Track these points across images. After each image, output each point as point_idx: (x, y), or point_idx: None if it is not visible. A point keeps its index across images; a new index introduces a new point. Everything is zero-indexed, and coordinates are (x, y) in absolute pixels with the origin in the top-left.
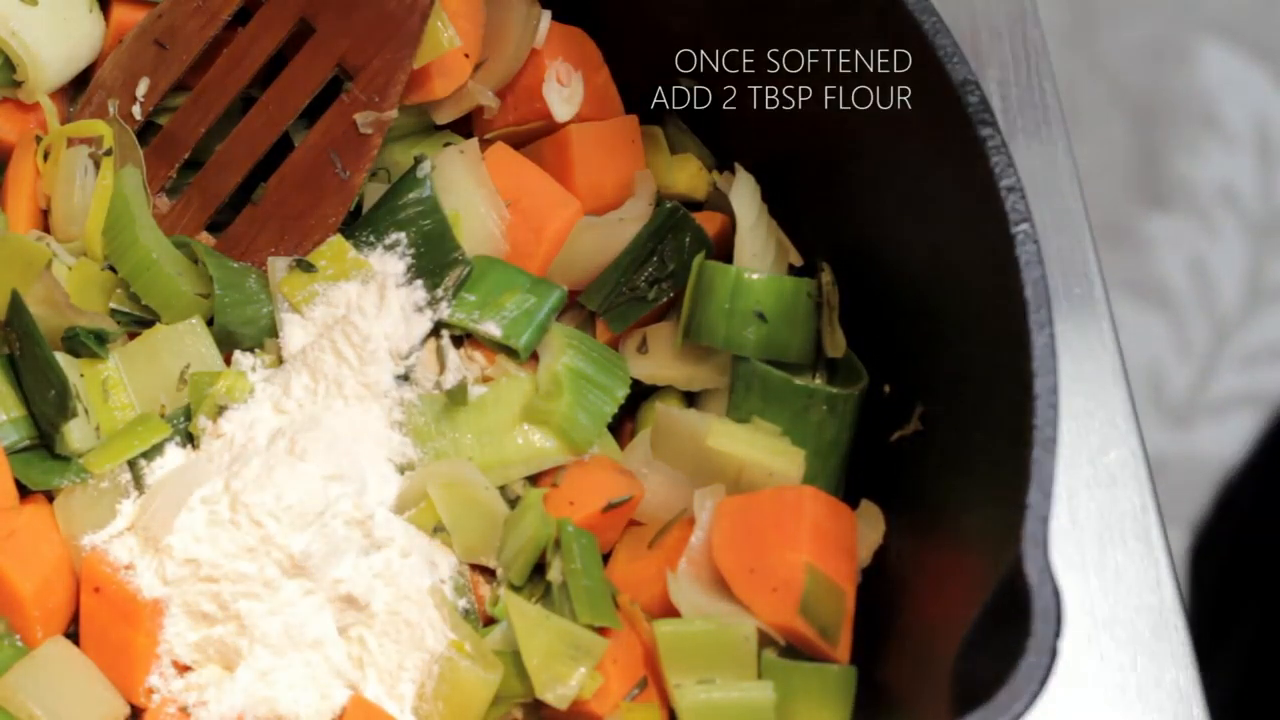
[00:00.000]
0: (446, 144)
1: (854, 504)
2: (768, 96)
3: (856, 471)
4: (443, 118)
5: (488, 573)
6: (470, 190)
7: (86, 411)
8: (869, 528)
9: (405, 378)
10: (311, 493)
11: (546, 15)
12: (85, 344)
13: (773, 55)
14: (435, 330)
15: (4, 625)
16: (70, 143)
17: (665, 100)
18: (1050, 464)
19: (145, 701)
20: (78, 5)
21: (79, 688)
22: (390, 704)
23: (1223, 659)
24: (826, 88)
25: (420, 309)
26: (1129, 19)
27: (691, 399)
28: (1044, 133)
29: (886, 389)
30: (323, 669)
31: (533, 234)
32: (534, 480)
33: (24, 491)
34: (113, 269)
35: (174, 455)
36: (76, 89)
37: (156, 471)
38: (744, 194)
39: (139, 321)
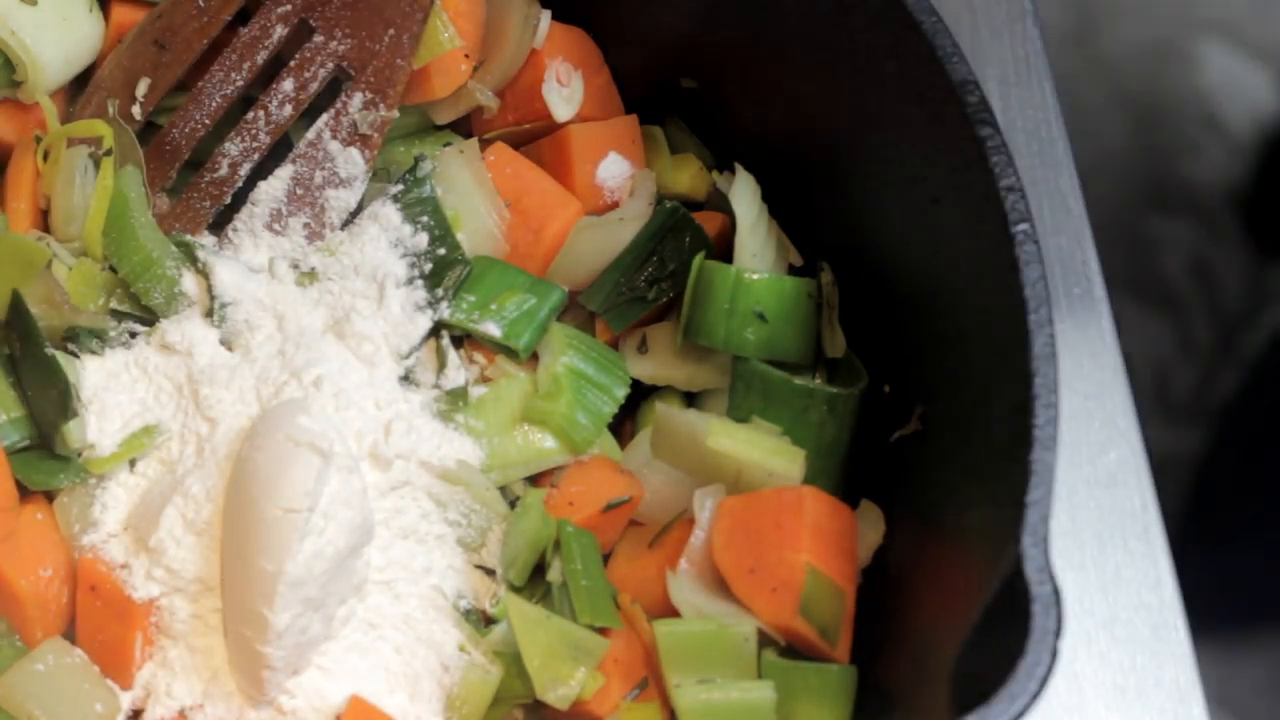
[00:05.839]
0: (446, 144)
1: (854, 504)
2: (768, 96)
3: (856, 471)
4: (443, 118)
5: (488, 573)
6: (470, 190)
7: (86, 411)
8: (869, 528)
9: (405, 378)
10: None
11: (546, 15)
12: (85, 344)
13: (772, 55)
14: (435, 330)
15: (4, 625)
16: (70, 143)
17: (665, 100)
18: (1050, 463)
19: (143, 702)
20: (78, 5)
21: (77, 688)
22: (390, 704)
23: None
24: (826, 88)
25: (420, 309)
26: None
27: (691, 399)
28: (1044, 133)
29: (886, 389)
30: (322, 669)
31: (533, 234)
32: (534, 480)
33: (24, 491)
34: (113, 269)
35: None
36: (76, 89)
37: (149, 472)
38: (744, 194)
39: (139, 321)
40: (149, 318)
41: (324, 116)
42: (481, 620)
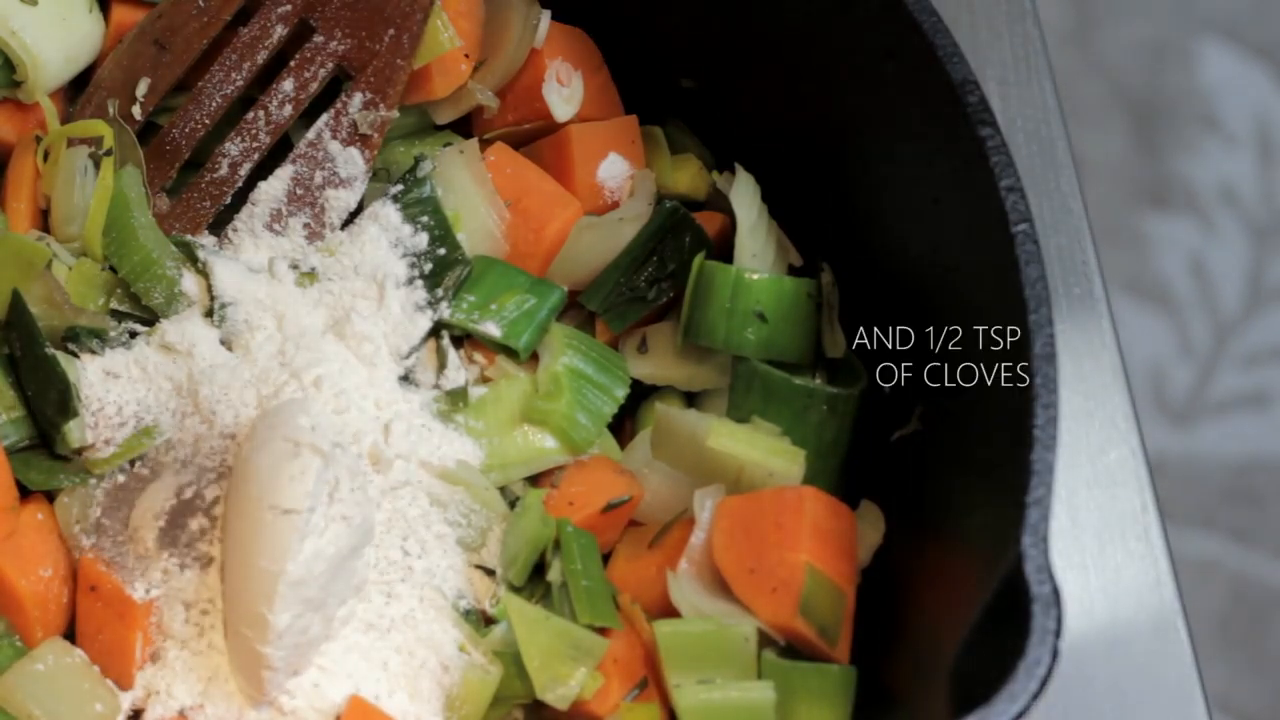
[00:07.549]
0: (446, 144)
1: (854, 504)
2: (767, 96)
3: (856, 471)
4: (443, 118)
5: (488, 573)
6: (470, 190)
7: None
8: (869, 528)
9: (405, 378)
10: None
11: (546, 15)
12: (85, 344)
13: (772, 55)
14: (435, 330)
15: (4, 625)
16: (70, 143)
17: (665, 100)
18: (1050, 463)
19: (143, 702)
20: (78, 5)
21: (77, 688)
22: (390, 704)
23: None
24: (826, 87)
25: (420, 309)
26: (1129, 19)
27: (691, 399)
28: (1044, 133)
29: (886, 389)
30: (322, 669)
31: (533, 234)
32: (534, 480)
33: (24, 491)
34: (113, 269)
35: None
36: (76, 89)
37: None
38: (744, 194)
39: (139, 321)
40: (149, 318)
41: (324, 116)
42: (481, 620)
